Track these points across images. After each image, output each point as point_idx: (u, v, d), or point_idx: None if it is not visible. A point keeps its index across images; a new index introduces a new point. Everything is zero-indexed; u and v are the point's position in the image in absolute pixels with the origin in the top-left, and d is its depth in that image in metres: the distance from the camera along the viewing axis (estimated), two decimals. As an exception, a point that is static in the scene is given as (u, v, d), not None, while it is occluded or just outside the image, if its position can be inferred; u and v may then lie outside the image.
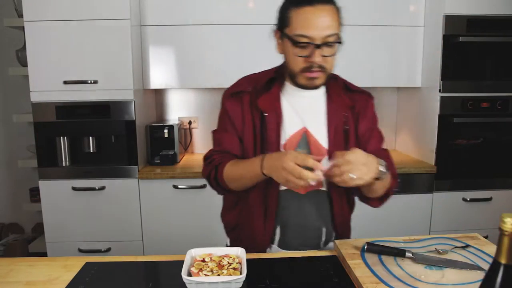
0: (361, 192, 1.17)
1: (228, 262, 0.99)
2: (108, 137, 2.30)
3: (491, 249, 1.14)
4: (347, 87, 1.22)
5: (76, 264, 1.10)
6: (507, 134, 2.36)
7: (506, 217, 0.55)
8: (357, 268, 1.03)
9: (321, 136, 1.16)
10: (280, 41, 1.11)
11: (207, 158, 1.19)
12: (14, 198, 2.85)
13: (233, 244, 1.28)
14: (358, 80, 2.46)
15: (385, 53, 2.44)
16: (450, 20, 2.21)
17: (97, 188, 2.21)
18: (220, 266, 0.97)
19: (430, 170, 2.32)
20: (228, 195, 1.25)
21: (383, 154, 1.16)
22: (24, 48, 2.21)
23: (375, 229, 2.33)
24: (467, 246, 1.16)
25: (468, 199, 2.36)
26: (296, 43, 1.03)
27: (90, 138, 2.28)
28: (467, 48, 2.25)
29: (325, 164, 1.00)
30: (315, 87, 1.11)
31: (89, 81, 2.14)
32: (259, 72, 1.23)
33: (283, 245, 1.21)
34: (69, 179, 2.21)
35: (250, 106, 1.15)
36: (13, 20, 2.38)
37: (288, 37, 1.05)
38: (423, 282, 0.96)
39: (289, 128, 1.14)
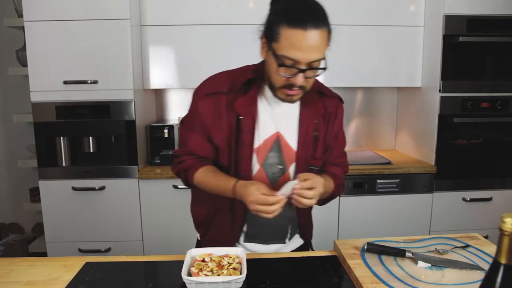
0: None
1: (228, 262, 0.99)
2: (108, 137, 2.30)
3: (491, 249, 1.14)
4: (320, 91, 1.22)
5: (76, 264, 1.10)
6: (507, 134, 2.36)
7: (506, 217, 0.55)
8: (357, 268, 1.03)
9: (292, 140, 1.17)
10: (264, 48, 1.06)
11: (176, 156, 1.21)
12: (14, 198, 2.85)
13: (201, 238, 1.31)
14: (358, 80, 2.49)
15: (385, 53, 2.44)
16: (450, 20, 2.21)
17: (97, 188, 2.21)
18: (220, 266, 0.97)
19: (430, 170, 2.32)
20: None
21: (342, 161, 1.28)
22: (24, 48, 2.22)
23: (375, 229, 2.34)
24: (467, 246, 1.16)
25: (468, 199, 2.36)
26: (281, 64, 1.00)
27: (90, 138, 2.27)
28: (467, 48, 2.25)
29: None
30: (292, 102, 1.10)
31: (89, 81, 2.14)
32: (237, 69, 1.19)
33: (249, 241, 1.23)
34: (69, 179, 2.21)
35: (226, 108, 1.12)
36: (13, 20, 2.38)
37: (273, 53, 1.01)
38: (423, 282, 0.96)
39: (263, 132, 1.14)
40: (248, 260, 1.00)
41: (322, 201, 1.24)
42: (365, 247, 1.11)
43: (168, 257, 1.16)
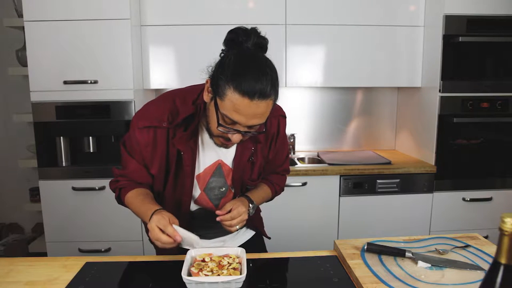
0: None
1: (228, 262, 0.99)
2: (108, 137, 2.30)
3: (491, 249, 1.14)
4: None
5: (76, 264, 1.10)
6: (507, 134, 2.36)
7: (506, 217, 0.55)
8: (357, 268, 1.03)
9: (232, 165, 1.21)
10: (208, 93, 1.04)
11: (114, 175, 1.23)
12: (14, 198, 2.85)
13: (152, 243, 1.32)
14: (359, 80, 2.49)
15: (385, 53, 2.44)
16: (450, 20, 2.21)
17: (97, 188, 2.21)
18: (220, 266, 0.97)
19: (430, 170, 2.32)
20: None
21: (283, 168, 1.35)
22: (24, 48, 2.22)
23: (375, 229, 2.34)
24: (467, 246, 1.17)
25: (468, 199, 2.36)
26: (220, 124, 1.00)
27: (90, 138, 2.27)
28: (467, 48, 2.25)
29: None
30: (227, 148, 1.13)
31: (89, 81, 2.14)
32: (179, 98, 1.15)
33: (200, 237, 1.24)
34: (69, 179, 2.21)
35: (165, 141, 1.12)
36: (13, 20, 2.38)
37: (216, 106, 0.99)
38: (423, 282, 0.96)
39: (204, 161, 1.17)
40: (248, 260, 1.00)
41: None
42: (365, 247, 1.12)
43: (168, 257, 1.16)
